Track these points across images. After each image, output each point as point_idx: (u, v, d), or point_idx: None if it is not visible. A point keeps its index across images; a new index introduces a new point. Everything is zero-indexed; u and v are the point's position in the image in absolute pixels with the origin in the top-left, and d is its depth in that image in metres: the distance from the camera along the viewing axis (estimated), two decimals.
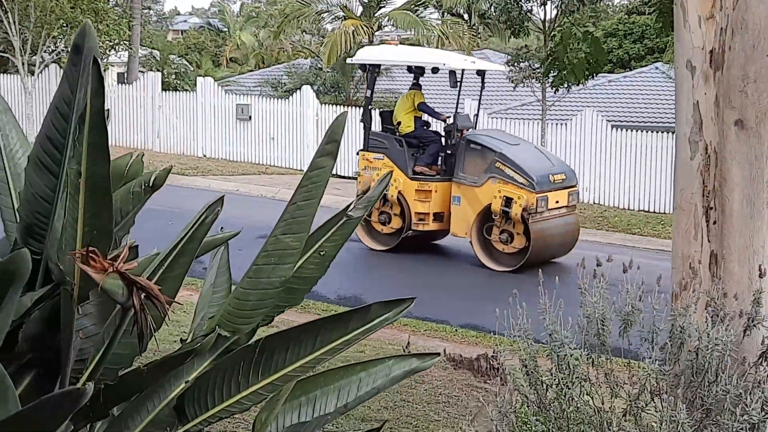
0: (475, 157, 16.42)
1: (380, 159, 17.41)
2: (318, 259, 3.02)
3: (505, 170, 16.04)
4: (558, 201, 16.28)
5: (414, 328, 12.36)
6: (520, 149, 16.90)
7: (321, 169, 2.84)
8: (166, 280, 2.75)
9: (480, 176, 16.30)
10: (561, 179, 16.51)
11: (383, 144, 17.47)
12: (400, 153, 17.14)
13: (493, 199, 16.07)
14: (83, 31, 2.62)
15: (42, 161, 2.75)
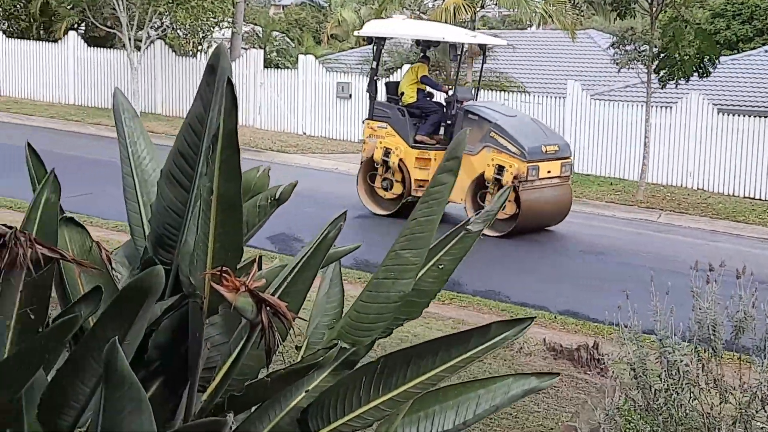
0: (472, 127, 16.95)
1: (384, 128, 18.17)
2: (437, 272, 3.05)
3: (499, 140, 16.86)
4: (550, 171, 17.11)
5: (513, 314, 12.35)
6: (515, 120, 17.74)
7: (442, 185, 2.87)
8: (290, 293, 2.82)
9: (476, 145, 16.95)
10: (554, 150, 17.29)
11: (387, 113, 18.25)
12: (402, 122, 17.94)
13: (486, 167, 16.89)
14: (218, 53, 2.70)
15: (174, 176, 2.84)
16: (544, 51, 36.81)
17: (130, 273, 3.28)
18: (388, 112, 18.28)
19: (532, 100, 25.97)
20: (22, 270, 2.72)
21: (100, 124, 28.56)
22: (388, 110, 18.34)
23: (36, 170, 3.33)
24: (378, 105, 18.66)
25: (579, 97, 24.95)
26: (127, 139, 3.35)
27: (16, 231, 2.71)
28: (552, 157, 17.27)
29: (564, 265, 15.37)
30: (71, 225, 3.15)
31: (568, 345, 10.18)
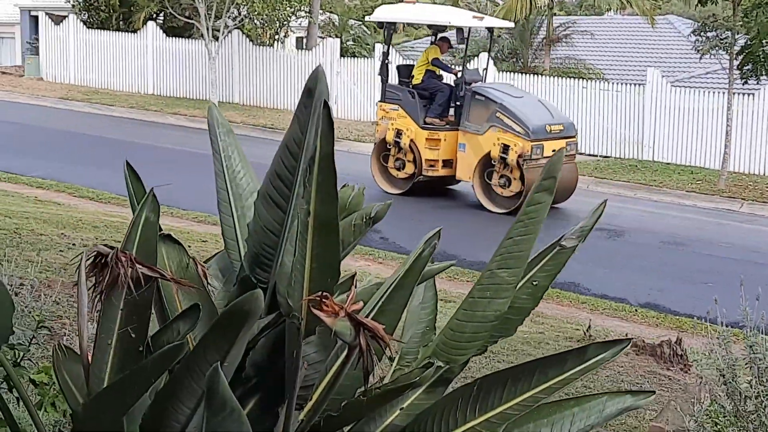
0: (479, 108, 17.92)
1: (395, 110, 18.90)
2: (531, 289, 3.04)
3: (505, 119, 17.51)
4: (555, 150, 16.85)
5: (593, 306, 12.27)
6: (521, 101, 18.28)
7: (539, 204, 2.86)
8: (385, 312, 2.84)
9: (482, 125, 17.78)
10: (558, 129, 17.96)
11: (398, 96, 18.98)
12: (412, 104, 18.64)
13: (492, 146, 17.57)
14: (315, 76, 2.72)
15: (271, 196, 2.87)
16: (623, 37, 36.33)
17: (224, 288, 3.33)
18: (399, 95, 19.01)
19: (611, 88, 25.69)
20: (123, 289, 2.77)
21: (179, 114, 28.96)
22: (399, 93, 19.07)
23: (134, 187, 3.39)
24: (389, 88, 19.42)
25: (659, 85, 24.62)
26: (222, 154, 3.39)
27: (118, 251, 2.76)
28: (557, 136, 17.86)
29: (644, 256, 15.21)
30: (169, 242, 3.20)
31: (650, 340, 10.08)
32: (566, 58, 31.97)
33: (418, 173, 18.58)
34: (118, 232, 12.60)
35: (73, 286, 7.94)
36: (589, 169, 22.40)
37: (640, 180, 21.94)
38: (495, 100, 17.83)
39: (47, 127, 25.49)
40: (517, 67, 30.73)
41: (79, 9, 35.69)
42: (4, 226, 11.59)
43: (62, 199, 16.08)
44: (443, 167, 18.59)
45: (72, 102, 30.97)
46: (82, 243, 11.14)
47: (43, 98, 31.61)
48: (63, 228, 12.37)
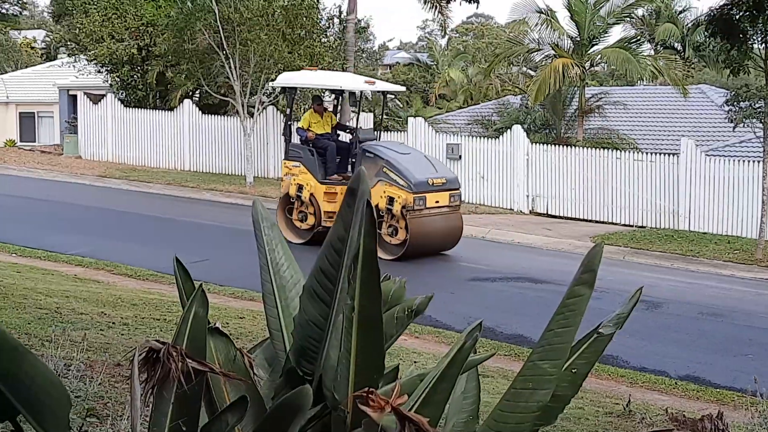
0: (369, 164, 19.24)
1: (297, 166, 20.73)
2: (570, 377, 3.09)
3: (390, 174, 19.17)
4: (438, 201, 19.38)
5: (632, 379, 12.17)
6: (407, 157, 19.98)
7: (578, 297, 2.92)
8: (428, 404, 2.89)
9: (372, 179, 18.92)
10: (441, 182, 19.54)
11: (299, 154, 20.82)
12: (311, 161, 20.48)
13: (380, 198, 19.00)
14: (358, 177, 2.82)
15: (316, 292, 2.95)
16: (656, 107, 36.47)
17: (270, 378, 3.40)
18: (301, 153, 20.81)
19: (645, 158, 25.74)
20: (174, 383, 2.85)
21: (215, 190, 29.25)
22: (300, 151, 20.86)
23: (184, 283, 3.48)
24: (292, 147, 21.25)
25: (693, 154, 24.66)
26: (266, 247, 3.48)
27: (169, 346, 2.85)
28: (439, 188, 19.47)
29: (682, 327, 15.09)
30: (216, 335, 3.28)
31: (691, 413, 9.98)
32: (599, 128, 32.10)
33: (318, 224, 20.20)
34: (156, 310, 12.70)
35: (115, 366, 8.05)
36: (625, 239, 22.36)
37: (677, 250, 21.85)
38: (382, 157, 19.51)
39: (86, 204, 25.83)
40: (550, 138, 30.88)
41: (116, 88, 36.33)
42: (45, 305, 11.70)
43: (101, 277, 16.22)
44: None
45: (110, 179, 31.38)
46: (122, 321, 11.23)
47: (82, 176, 32.06)
48: (103, 306, 12.46)
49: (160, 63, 34.36)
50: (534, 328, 13.84)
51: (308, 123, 20.99)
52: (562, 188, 26.92)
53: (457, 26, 75.71)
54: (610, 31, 32.48)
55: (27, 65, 56.53)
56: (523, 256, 21.06)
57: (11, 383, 2.77)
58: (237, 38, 29.05)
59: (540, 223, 25.63)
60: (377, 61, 61.05)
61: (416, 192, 18.94)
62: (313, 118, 21.09)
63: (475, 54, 57.17)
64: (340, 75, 24.98)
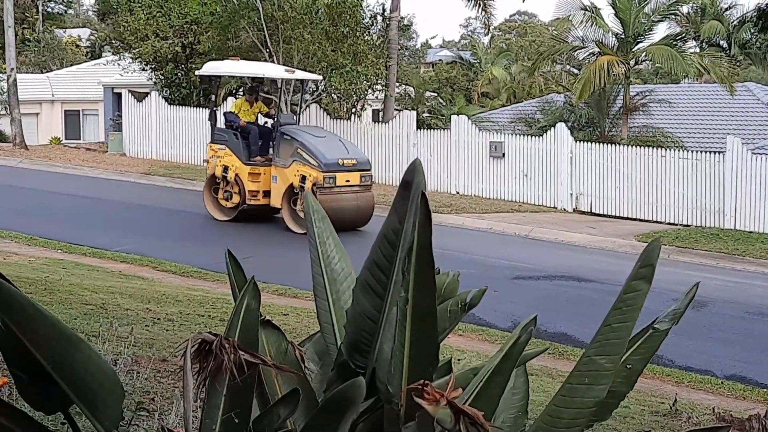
0: (286, 146, 21.27)
1: (223, 149, 22.36)
2: (625, 372, 3.06)
3: (303, 155, 20.81)
4: (348, 180, 20.96)
5: (677, 378, 12.06)
6: (321, 140, 21.59)
7: (636, 292, 2.88)
8: (482, 398, 2.86)
9: (287, 160, 21.13)
10: (352, 163, 21.16)
11: (224, 137, 22.50)
12: (236, 144, 22.07)
13: (293, 177, 20.83)
14: (413, 168, 2.80)
15: (369, 284, 2.94)
16: (701, 105, 36.14)
17: (321, 371, 3.39)
18: (226, 136, 22.46)
19: (690, 156, 25.51)
20: (226, 375, 2.84)
21: None
22: (226, 135, 22.50)
23: (235, 276, 3.48)
24: (218, 131, 22.98)
25: (739, 152, 24.40)
26: (317, 240, 3.48)
27: (222, 338, 2.84)
28: (350, 168, 21.06)
29: (728, 327, 14.95)
30: (268, 327, 3.27)
31: (738, 413, 9.87)
32: (644, 126, 31.85)
33: (242, 202, 21.89)
34: (201, 306, 12.76)
35: (161, 361, 8.08)
36: (670, 238, 22.18)
37: (722, 249, 21.62)
38: (297, 138, 21.13)
39: (130, 202, 26.03)
40: (594, 136, 30.69)
41: (161, 86, 36.56)
42: (91, 301, 11.79)
43: (146, 274, 16.33)
44: (264, 197, 21.90)
45: (154, 177, 31.57)
46: (167, 317, 11.29)
47: (126, 173, 32.29)
48: (148, 303, 12.54)
49: (204, 61, 34.47)
50: (578, 327, 13.77)
51: (239, 109, 22.76)
52: (606, 186, 26.75)
53: (500, 24, 75.47)
54: (655, 28, 32.33)
55: (72, 63, 57.08)
56: (566, 255, 20.94)
57: (66, 373, 2.78)
58: (280, 36, 29.14)
59: (584, 221, 25.48)
60: (420, 59, 60.97)
61: (326, 171, 20.50)
62: (244, 105, 22.89)
63: (518, 52, 56.96)
64: (262, 64, 26.51)
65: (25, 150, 36.63)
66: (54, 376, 2.78)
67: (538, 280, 17.64)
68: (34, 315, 2.73)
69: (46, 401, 3.00)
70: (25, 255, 16.77)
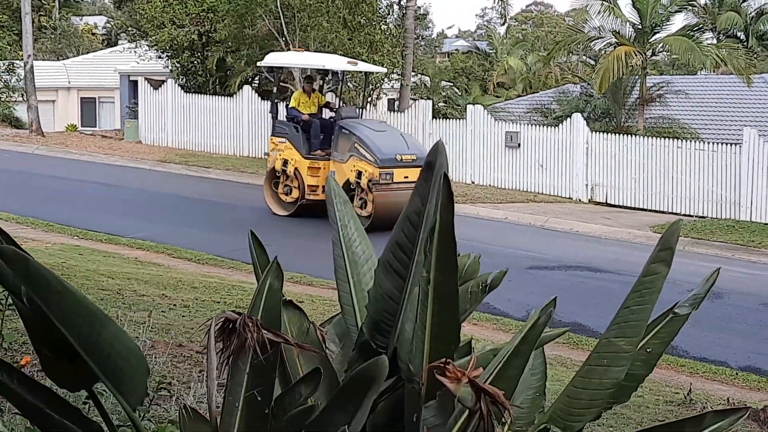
0: (344, 140, 20.66)
1: (283, 142, 21.71)
2: (645, 356, 3.08)
3: (360, 149, 20.10)
4: (407, 176, 19.62)
5: (692, 369, 12.08)
6: (380, 134, 20.79)
7: (655, 275, 2.91)
8: (502, 378, 2.89)
9: (345, 155, 20.52)
10: (411, 159, 20.11)
11: (285, 130, 21.79)
12: (297, 137, 21.42)
13: (350, 172, 20.18)
14: (435, 150, 2.83)
15: (392, 265, 2.96)
16: (718, 96, 36.03)
17: (342, 352, 3.42)
18: (287, 129, 21.77)
19: (707, 148, 25.45)
20: (249, 354, 2.88)
21: None
22: (286, 128, 21.82)
23: (258, 257, 3.51)
24: (278, 123, 22.37)
25: (756, 144, 24.32)
26: (339, 223, 3.51)
27: (245, 317, 2.88)
28: (409, 164, 19.98)
29: (743, 318, 14.96)
30: (290, 307, 3.31)
31: (753, 404, 9.89)
32: (660, 117, 31.76)
33: (301, 197, 21.30)
34: (216, 293, 12.83)
35: (177, 346, 8.14)
36: (686, 229, 22.12)
37: (738, 241, 21.58)
38: (354, 133, 20.47)
39: (146, 189, 26.12)
40: (610, 126, 30.63)
41: (177, 74, 36.65)
42: (108, 286, 11.86)
43: (162, 260, 16.41)
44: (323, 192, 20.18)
45: (170, 164, 31.64)
46: (183, 304, 11.36)
47: (142, 161, 32.38)
48: (164, 289, 12.62)
49: (220, 49, 34.60)
50: (592, 317, 13.78)
51: (298, 102, 22.01)
52: (621, 177, 26.70)
53: (516, 14, 75.37)
54: (672, 19, 32.14)
55: (88, 51, 57.24)
56: (581, 245, 20.94)
57: (92, 350, 2.82)
58: (297, 24, 29.17)
59: (599, 212, 25.45)
60: (436, 48, 60.97)
61: (382, 167, 19.81)
62: (302, 98, 22.14)
63: (534, 42, 56.84)
64: (324, 56, 25.59)
65: (42, 137, 36.74)
66: (81, 352, 2.81)
67: (553, 270, 17.66)
68: (62, 291, 2.77)
69: (71, 378, 3.04)
70: (42, 241, 16.86)
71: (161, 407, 5.38)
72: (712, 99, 35.89)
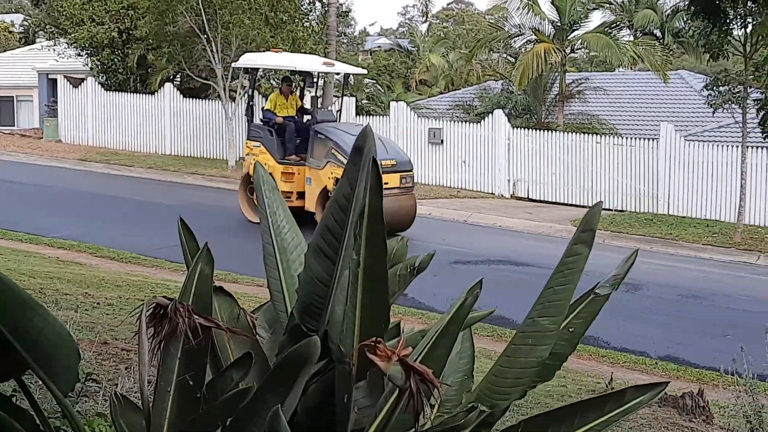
0: (320, 145, 19.77)
1: (258, 146, 20.94)
2: (567, 336, 3.17)
3: (338, 155, 19.06)
4: (387, 183, 18.62)
5: (613, 359, 12.30)
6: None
7: (577, 255, 2.99)
8: (431, 358, 2.95)
9: (322, 160, 19.66)
10: (391, 164, 19.32)
11: (260, 134, 21.00)
12: (271, 141, 20.61)
13: (328, 179, 19.26)
14: (364, 134, 2.88)
15: (322, 249, 3.00)
16: (636, 93, 36.67)
17: (272, 337, 3.45)
18: (261, 134, 20.98)
19: (625, 143, 25.89)
20: (181, 339, 2.90)
21: (197, 174, 29.20)
22: (261, 131, 21.01)
23: (188, 243, 3.53)
24: (253, 127, 21.50)
25: (672, 139, 24.81)
26: (267, 210, 3.54)
27: (176, 302, 2.90)
28: (389, 170, 19.16)
29: (662, 309, 15.26)
30: (220, 294, 3.34)
31: (672, 392, 10.10)
32: (579, 113, 32.22)
33: None
34: (140, 291, 12.72)
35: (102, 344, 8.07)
36: (606, 223, 22.50)
37: (656, 234, 22.01)
38: (331, 138, 19.56)
39: (66, 188, 25.78)
40: (531, 123, 30.96)
41: (97, 72, 36.18)
42: (29, 286, 11.69)
43: (84, 260, 16.22)
44: (298, 199, 20.24)
45: (91, 163, 31.27)
46: (106, 302, 11.25)
47: (62, 160, 31.94)
48: (87, 287, 12.48)
49: (141, 46, 34.21)
50: (515, 310, 13.90)
51: (274, 104, 21.17)
52: (542, 173, 27.04)
53: (437, 12, 75.78)
54: (591, 16, 32.62)
55: (5, 49, 56.14)
56: (504, 240, 21.17)
57: (21, 337, 2.81)
58: (219, 21, 28.97)
59: (521, 207, 25.75)
60: (358, 46, 60.97)
61: None
62: (279, 99, 21.29)
63: (456, 40, 57.19)
64: (300, 56, 24.87)
65: None
66: (11, 339, 2.81)
67: (477, 265, 17.83)
68: None
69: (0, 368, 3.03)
70: None
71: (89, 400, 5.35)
72: (630, 95, 36.50)
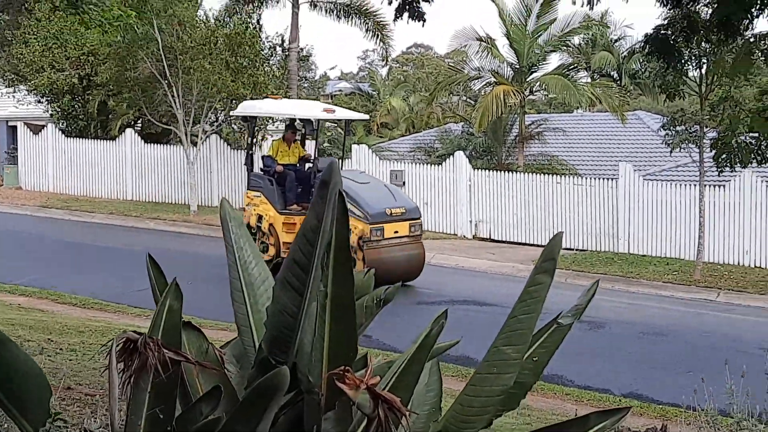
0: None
1: (258, 196, 20.26)
2: (531, 365, 3.23)
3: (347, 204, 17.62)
4: (397, 231, 18.75)
5: (577, 397, 12.34)
6: (365, 187, 19.45)
7: (539, 285, 3.06)
8: (398, 387, 3.00)
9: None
10: (400, 212, 18.99)
11: (260, 184, 20.29)
12: (271, 191, 19.94)
13: None
14: (330, 169, 2.95)
15: (289, 281, 3.06)
16: (594, 133, 37.10)
17: (241, 372, 3.49)
18: (261, 183, 20.27)
19: (585, 183, 26.13)
20: (151, 373, 2.94)
21: (159, 219, 29.10)
22: (261, 181, 20.31)
23: (156, 279, 3.56)
24: (253, 176, 20.76)
25: (631, 178, 25.07)
26: (234, 245, 3.59)
27: (146, 337, 2.94)
28: (398, 218, 18.90)
29: (624, 346, 15.34)
30: (189, 328, 3.37)
31: (636, 428, 10.16)
32: (539, 154, 32.51)
33: (277, 255, 19.47)
34: (103, 337, 12.63)
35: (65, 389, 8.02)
36: (567, 262, 22.64)
37: (617, 272, 22.18)
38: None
39: (28, 235, 25.60)
40: (492, 164, 31.19)
41: (57, 118, 36.04)
42: None
43: (46, 306, 16.10)
44: None
45: (52, 210, 31.10)
46: (69, 348, 11.19)
47: (23, 207, 31.74)
48: (49, 334, 12.39)
49: (102, 92, 34.14)
50: (479, 349, 13.79)
51: (276, 151, 20.62)
52: (504, 213, 27.20)
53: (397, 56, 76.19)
54: (548, 58, 32.94)
55: None
56: (467, 280, 21.23)
57: None
58: (180, 66, 29.01)
59: (483, 247, 25.86)
60: (319, 90, 61.22)
61: (373, 223, 18.49)
62: (281, 146, 20.76)
63: (416, 83, 57.58)
64: (299, 103, 24.64)
65: None
66: None
67: (440, 305, 17.84)
68: None
69: None
70: None
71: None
72: (589, 136, 36.90)
